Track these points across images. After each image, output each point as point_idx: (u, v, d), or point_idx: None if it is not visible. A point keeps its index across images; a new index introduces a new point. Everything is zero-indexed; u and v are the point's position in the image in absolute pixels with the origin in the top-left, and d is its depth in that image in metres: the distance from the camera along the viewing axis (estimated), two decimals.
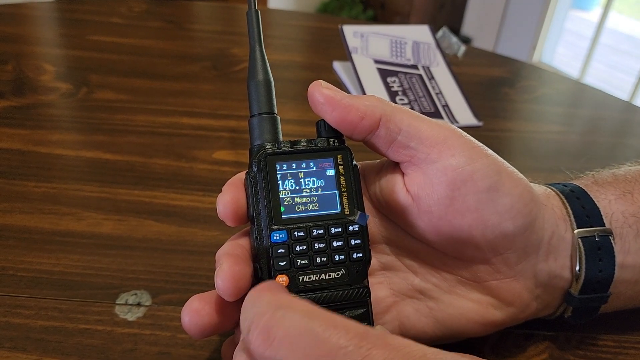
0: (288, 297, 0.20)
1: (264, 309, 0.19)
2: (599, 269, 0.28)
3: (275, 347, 0.18)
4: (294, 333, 0.18)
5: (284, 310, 0.19)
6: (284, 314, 0.19)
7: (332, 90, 0.25)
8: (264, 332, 0.19)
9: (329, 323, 0.18)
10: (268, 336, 0.19)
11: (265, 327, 0.19)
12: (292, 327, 0.18)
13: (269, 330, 0.19)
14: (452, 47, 0.82)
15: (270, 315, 0.19)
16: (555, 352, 0.31)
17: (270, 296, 0.20)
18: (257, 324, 0.19)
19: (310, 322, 0.18)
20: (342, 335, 0.18)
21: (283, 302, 0.19)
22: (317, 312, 0.19)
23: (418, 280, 0.28)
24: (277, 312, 0.19)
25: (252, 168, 0.25)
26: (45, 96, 0.58)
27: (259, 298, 0.20)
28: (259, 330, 0.19)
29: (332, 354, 0.18)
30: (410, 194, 0.26)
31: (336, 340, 0.18)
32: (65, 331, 0.30)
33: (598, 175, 0.32)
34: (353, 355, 0.17)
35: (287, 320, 0.19)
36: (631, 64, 2.94)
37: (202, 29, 0.91)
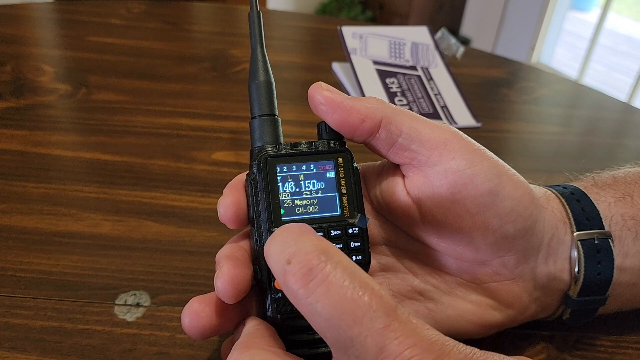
0: (332, 246, 0.20)
1: (310, 247, 0.19)
2: (597, 272, 0.28)
3: (311, 288, 0.18)
4: (333, 281, 0.18)
5: (329, 256, 0.19)
6: (329, 260, 0.19)
7: (332, 93, 0.26)
8: (306, 269, 0.19)
9: (366, 285, 0.19)
10: (309, 275, 0.19)
11: (308, 264, 0.19)
12: (333, 274, 0.18)
13: (312, 269, 0.19)
14: (451, 48, 0.82)
15: (316, 255, 0.19)
16: (552, 352, 0.31)
17: (317, 239, 0.20)
18: (301, 259, 0.19)
19: (350, 277, 0.19)
20: (376, 300, 0.18)
21: (330, 249, 0.19)
22: (358, 271, 0.19)
23: (417, 282, 0.28)
24: (322, 256, 0.19)
25: (252, 170, 0.25)
26: (44, 97, 0.58)
27: (303, 235, 0.20)
28: (302, 266, 0.19)
29: (360, 312, 0.18)
30: (411, 196, 0.26)
31: (368, 302, 0.18)
32: (65, 331, 0.30)
33: (598, 177, 0.32)
34: (378, 320, 0.18)
35: (330, 267, 0.19)
36: (630, 65, 2.94)
37: (201, 30, 0.91)
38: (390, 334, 0.18)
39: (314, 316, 0.19)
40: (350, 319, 0.18)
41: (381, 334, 0.18)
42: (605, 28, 2.84)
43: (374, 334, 0.18)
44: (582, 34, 3.25)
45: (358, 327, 0.18)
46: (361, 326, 0.18)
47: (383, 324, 0.18)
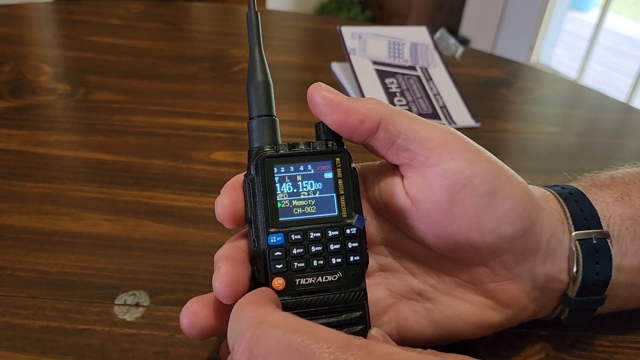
0: (268, 311, 0.20)
1: (245, 326, 0.20)
2: (596, 272, 0.28)
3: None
4: (276, 349, 0.18)
5: (265, 326, 0.19)
6: (265, 331, 0.19)
7: (332, 93, 0.26)
8: (248, 351, 0.19)
9: (310, 335, 0.19)
10: (251, 354, 0.19)
11: (247, 345, 0.19)
12: (274, 343, 0.19)
13: (252, 348, 0.19)
14: (450, 48, 0.82)
15: (251, 332, 0.19)
16: (551, 351, 0.31)
17: (251, 312, 0.20)
18: (240, 343, 0.19)
19: (292, 336, 0.19)
20: (324, 349, 0.18)
21: (264, 318, 0.20)
22: (298, 325, 0.19)
23: (416, 282, 0.28)
24: (257, 329, 0.19)
25: (250, 170, 0.25)
26: (44, 97, 0.58)
27: (241, 314, 0.20)
28: (242, 349, 0.19)
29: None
30: (410, 196, 0.26)
31: (319, 354, 0.18)
32: (64, 331, 0.30)
33: (596, 177, 0.32)
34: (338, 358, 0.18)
35: (269, 337, 0.19)
36: (629, 65, 2.94)
37: (200, 30, 0.91)
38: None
39: None
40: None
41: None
42: (604, 28, 2.84)
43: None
44: (581, 34, 3.24)
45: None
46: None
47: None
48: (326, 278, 0.24)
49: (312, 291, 0.24)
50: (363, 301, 0.25)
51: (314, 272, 0.24)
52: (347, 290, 0.25)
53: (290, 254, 0.24)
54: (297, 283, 0.24)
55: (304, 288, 0.24)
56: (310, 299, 0.24)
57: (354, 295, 0.25)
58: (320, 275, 0.24)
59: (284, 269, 0.24)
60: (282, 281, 0.24)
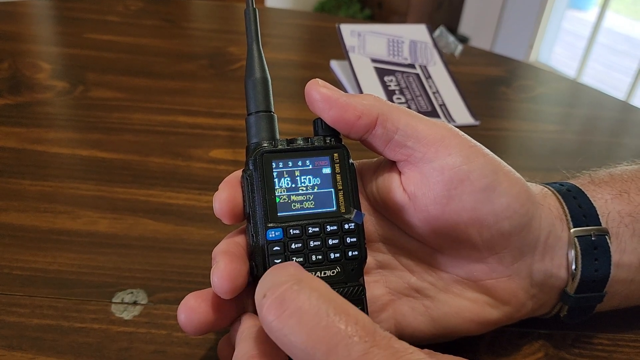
0: (310, 275, 0.20)
1: (283, 279, 0.19)
2: (594, 268, 0.28)
3: (284, 318, 0.18)
4: (306, 309, 0.18)
5: (303, 285, 0.19)
6: (302, 289, 0.19)
7: (329, 89, 0.25)
8: (278, 301, 0.19)
9: (342, 310, 0.18)
10: (281, 306, 0.18)
11: (280, 296, 0.19)
12: (306, 303, 0.18)
13: (284, 300, 0.19)
14: (450, 46, 0.82)
15: (288, 286, 0.19)
16: (550, 350, 0.31)
17: (294, 270, 0.20)
18: (274, 292, 0.19)
19: (325, 303, 0.18)
20: (351, 325, 0.18)
21: (304, 278, 0.19)
22: (333, 296, 0.19)
23: (414, 279, 0.28)
24: (294, 285, 0.19)
25: (248, 166, 0.25)
26: (42, 94, 0.58)
27: (282, 269, 0.20)
28: (274, 298, 0.19)
29: (336, 339, 0.18)
30: (407, 192, 0.26)
31: (344, 328, 0.18)
32: (61, 330, 0.30)
33: (595, 174, 0.32)
34: (355, 347, 0.17)
35: (303, 296, 0.19)
36: (628, 64, 2.94)
37: (199, 27, 0.91)
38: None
39: (290, 347, 0.18)
40: (325, 348, 0.17)
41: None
42: (603, 27, 2.84)
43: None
44: (580, 32, 3.25)
45: (334, 356, 0.17)
46: (337, 355, 0.17)
47: (361, 351, 0.17)
48: (325, 273, 0.24)
49: None
50: (362, 296, 0.25)
51: (312, 267, 0.24)
52: (345, 285, 0.25)
53: (289, 249, 0.24)
54: None
55: None
56: None
57: (353, 290, 0.25)
58: (319, 270, 0.24)
59: None
60: None
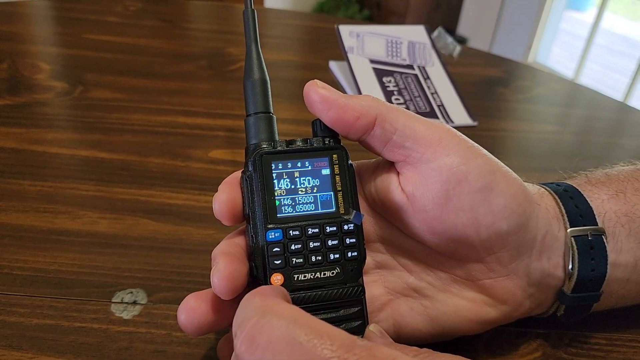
0: (276, 302, 0.20)
1: (251, 313, 0.19)
2: (591, 268, 0.28)
3: (258, 354, 0.18)
4: (277, 340, 0.18)
5: (270, 316, 0.19)
6: (269, 320, 0.19)
7: (327, 90, 0.26)
8: (249, 338, 0.19)
9: (314, 331, 0.18)
10: (252, 342, 0.18)
11: (250, 332, 0.19)
12: (276, 334, 0.18)
13: (254, 336, 0.18)
14: (448, 47, 0.82)
15: (255, 320, 0.19)
16: (547, 349, 0.31)
17: (259, 301, 0.20)
18: (243, 329, 0.19)
19: (296, 329, 0.18)
20: (327, 346, 0.18)
21: (270, 308, 0.19)
22: (304, 319, 0.19)
23: (412, 279, 0.28)
24: (262, 318, 0.19)
25: (248, 167, 0.25)
26: (41, 95, 0.58)
27: (249, 302, 0.20)
28: (244, 335, 0.19)
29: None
30: (405, 193, 0.26)
31: (320, 351, 0.18)
32: (61, 329, 0.30)
33: (591, 174, 0.32)
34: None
35: (272, 327, 0.18)
36: (626, 65, 2.95)
37: (198, 27, 0.91)
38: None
39: None
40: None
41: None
42: (601, 27, 2.85)
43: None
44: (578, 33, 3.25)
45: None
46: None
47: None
48: (324, 274, 0.24)
49: (311, 287, 0.24)
50: (361, 297, 0.25)
51: (312, 267, 0.24)
52: (345, 285, 0.25)
53: (289, 250, 0.24)
54: (295, 279, 0.24)
55: (302, 284, 0.24)
56: (309, 295, 0.24)
57: (352, 291, 0.25)
58: (319, 271, 0.24)
59: (282, 264, 0.24)
60: (280, 277, 0.24)
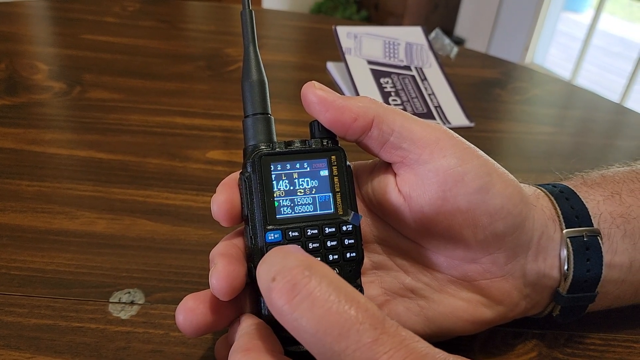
0: (319, 262, 0.20)
1: (294, 263, 0.19)
2: (586, 269, 0.28)
3: (296, 302, 0.18)
4: (317, 295, 0.18)
5: (313, 271, 0.19)
6: (312, 275, 0.19)
7: (325, 91, 0.26)
8: (289, 285, 0.18)
9: (352, 297, 0.18)
10: (292, 290, 0.18)
11: (291, 280, 0.19)
12: (317, 289, 0.18)
13: (295, 285, 0.18)
14: (445, 48, 0.82)
15: (300, 271, 0.19)
16: (543, 350, 0.31)
17: (302, 255, 0.20)
18: (285, 275, 0.19)
19: (335, 290, 0.18)
20: (362, 312, 0.18)
21: (314, 264, 0.19)
22: (343, 284, 0.19)
23: (409, 279, 0.29)
24: (305, 271, 0.19)
25: (246, 168, 0.25)
26: (39, 95, 0.58)
27: (289, 253, 0.20)
28: (285, 282, 0.19)
29: (347, 326, 0.18)
30: (402, 194, 0.27)
31: (354, 315, 0.18)
32: (58, 329, 0.30)
33: (587, 176, 0.32)
34: (366, 333, 0.18)
35: (315, 282, 0.18)
36: (622, 66, 2.96)
37: (196, 28, 0.91)
38: (379, 347, 0.17)
39: (300, 332, 0.18)
40: (337, 333, 0.18)
41: (370, 348, 0.17)
42: (598, 29, 2.86)
43: (362, 348, 0.17)
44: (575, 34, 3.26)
45: (345, 341, 0.18)
46: (348, 340, 0.18)
47: (371, 337, 0.18)
48: None
49: None
50: None
51: None
52: None
53: None
54: None
55: None
56: None
57: None
58: None
59: None
60: None
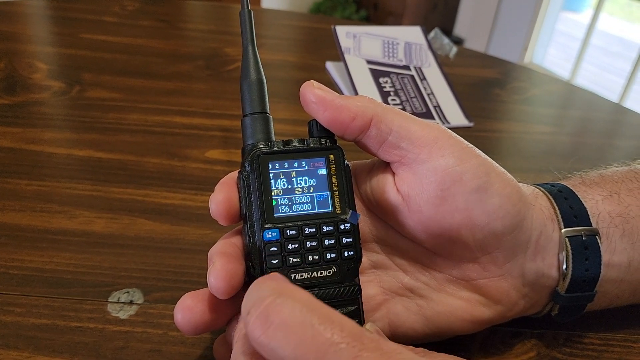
0: (291, 287, 0.20)
1: (266, 293, 0.19)
2: (585, 268, 0.28)
3: (270, 332, 0.18)
4: (291, 322, 0.18)
5: (285, 297, 0.19)
6: (284, 302, 0.19)
7: (324, 91, 0.26)
8: (263, 316, 0.19)
9: (326, 318, 0.18)
10: (266, 321, 0.18)
11: (264, 311, 0.19)
12: (290, 315, 0.18)
13: (268, 315, 0.19)
14: (444, 48, 0.82)
15: (271, 300, 0.19)
16: (542, 349, 0.31)
17: (275, 284, 0.20)
18: (257, 307, 0.19)
19: (309, 313, 0.18)
20: (337, 332, 0.18)
21: (285, 291, 0.19)
22: (317, 305, 0.19)
23: (408, 279, 0.29)
24: (278, 299, 0.19)
25: (244, 167, 0.25)
26: (38, 94, 0.58)
27: (263, 284, 0.20)
28: (258, 314, 0.19)
29: (324, 348, 0.18)
30: (401, 193, 0.27)
31: (330, 336, 0.18)
32: (57, 329, 0.30)
33: (586, 175, 0.32)
34: (344, 353, 0.17)
35: (286, 308, 0.19)
36: (621, 66, 2.96)
37: (195, 28, 0.91)
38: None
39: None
40: (314, 358, 0.17)
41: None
42: (597, 29, 2.86)
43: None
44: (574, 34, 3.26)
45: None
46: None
47: (350, 356, 0.17)
48: (321, 273, 0.25)
49: (308, 286, 0.24)
50: (357, 296, 0.25)
51: (309, 267, 0.24)
52: (341, 285, 0.25)
53: (286, 250, 0.24)
54: (292, 278, 0.24)
55: (299, 283, 0.24)
56: None
57: (349, 290, 0.25)
58: (315, 270, 0.25)
59: (280, 264, 0.24)
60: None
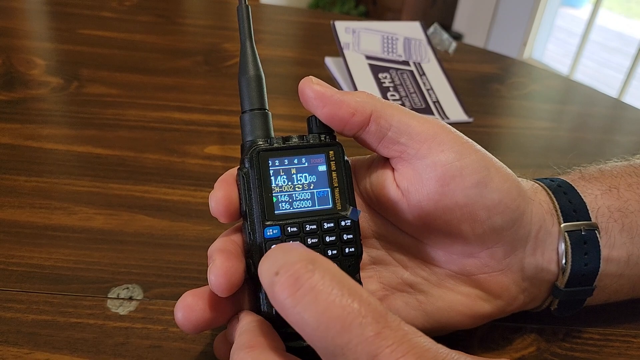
0: (322, 257, 0.20)
1: (297, 258, 0.19)
2: (584, 263, 0.28)
3: (298, 296, 0.18)
4: (320, 289, 0.18)
5: (317, 265, 0.19)
6: (315, 269, 0.19)
7: (322, 87, 0.26)
8: (292, 279, 0.18)
9: (355, 292, 0.18)
10: (295, 284, 0.18)
11: (295, 274, 0.19)
12: (320, 283, 0.18)
13: (298, 278, 0.18)
14: (443, 43, 0.82)
15: (302, 265, 0.19)
16: (542, 344, 0.31)
17: (304, 251, 0.20)
18: (288, 270, 0.19)
19: (338, 284, 0.18)
20: (364, 306, 0.18)
21: (317, 259, 0.19)
22: (346, 278, 0.19)
23: (408, 274, 0.29)
24: (310, 264, 0.19)
25: (244, 164, 0.25)
26: (36, 90, 0.57)
27: (291, 249, 0.20)
28: (288, 276, 0.19)
29: (349, 319, 0.18)
30: (400, 189, 0.27)
31: (357, 309, 0.18)
32: (57, 325, 0.30)
33: (585, 170, 0.32)
34: (368, 327, 0.18)
35: (318, 276, 0.19)
36: (620, 61, 2.96)
37: (193, 23, 0.91)
38: (382, 341, 0.17)
39: (303, 326, 0.18)
40: (339, 327, 0.18)
41: (372, 342, 0.17)
42: (596, 24, 2.86)
43: (364, 342, 0.17)
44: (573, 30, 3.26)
45: (347, 334, 0.18)
46: (350, 334, 0.18)
47: (374, 331, 0.18)
48: None
49: None
50: None
51: None
52: None
53: None
54: None
55: None
56: None
57: None
58: None
59: None
60: None
